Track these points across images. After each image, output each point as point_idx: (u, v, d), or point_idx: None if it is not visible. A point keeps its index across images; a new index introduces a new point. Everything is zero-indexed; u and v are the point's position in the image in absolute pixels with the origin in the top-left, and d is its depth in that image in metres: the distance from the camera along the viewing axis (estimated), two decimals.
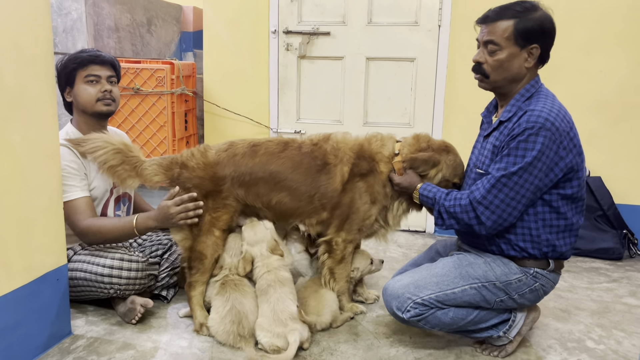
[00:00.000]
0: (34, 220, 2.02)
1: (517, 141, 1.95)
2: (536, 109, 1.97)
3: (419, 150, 2.35)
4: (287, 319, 2.12)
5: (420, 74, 3.74)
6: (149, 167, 2.37)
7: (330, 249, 2.41)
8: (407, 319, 2.06)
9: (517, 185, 1.94)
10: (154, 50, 4.69)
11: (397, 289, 2.10)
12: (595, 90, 3.47)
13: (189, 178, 2.33)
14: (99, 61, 2.56)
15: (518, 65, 2.04)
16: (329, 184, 2.33)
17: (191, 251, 2.34)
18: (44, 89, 2.02)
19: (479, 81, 2.13)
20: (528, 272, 2.07)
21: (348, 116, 3.92)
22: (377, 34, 3.77)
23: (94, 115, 2.57)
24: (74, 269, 2.36)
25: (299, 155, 2.35)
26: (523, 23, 1.99)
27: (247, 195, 2.33)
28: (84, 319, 2.42)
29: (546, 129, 1.91)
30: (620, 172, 3.47)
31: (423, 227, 3.92)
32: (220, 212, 2.32)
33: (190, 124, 4.23)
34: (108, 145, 2.38)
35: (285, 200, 2.34)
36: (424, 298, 2.04)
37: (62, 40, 3.81)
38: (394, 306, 2.09)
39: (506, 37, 2.01)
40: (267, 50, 3.97)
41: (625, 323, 2.51)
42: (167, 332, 2.31)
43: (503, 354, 2.17)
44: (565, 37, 3.45)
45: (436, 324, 2.09)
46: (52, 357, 2.10)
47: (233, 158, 2.34)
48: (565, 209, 2.03)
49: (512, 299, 2.08)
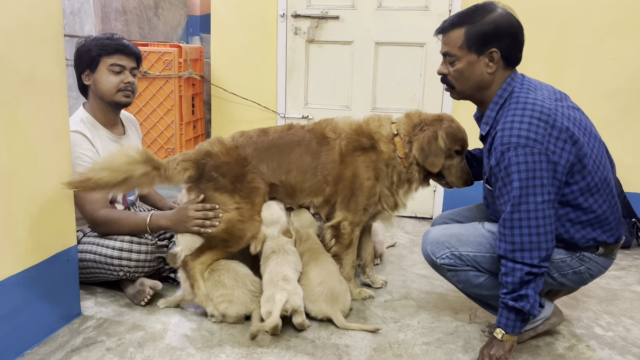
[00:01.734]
0: (44, 201, 2.02)
1: (500, 169, 1.86)
2: (504, 127, 1.86)
3: (413, 128, 2.37)
4: (279, 280, 2.15)
5: (430, 60, 3.70)
6: (177, 165, 2.27)
7: (337, 234, 2.43)
8: (439, 264, 2.06)
9: (532, 212, 1.82)
10: (161, 33, 4.66)
11: (439, 236, 2.09)
12: (607, 77, 3.43)
13: (215, 166, 2.31)
14: (127, 52, 2.54)
15: (479, 72, 1.97)
16: (328, 155, 2.39)
17: (226, 232, 2.28)
18: (54, 69, 2.01)
19: (450, 93, 2.11)
20: (574, 254, 1.99)
21: (356, 101, 3.89)
22: (386, 18, 3.73)
23: (111, 104, 2.56)
24: (83, 251, 2.37)
25: (302, 132, 2.46)
26: (474, 29, 1.92)
27: (268, 171, 2.37)
28: (93, 300, 2.43)
29: (521, 146, 1.81)
30: (629, 160, 3.44)
31: (430, 214, 3.91)
32: (254, 195, 2.33)
33: (197, 108, 4.22)
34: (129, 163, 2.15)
35: (294, 173, 2.39)
36: (462, 253, 2.03)
37: (69, 22, 3.78)
38: (429, 249, 2.09)
39: (459, 47, 1.95)
40: (275, 34, 3.93)
41: (633, 310, 2.51)
42: (176, 314, 2.32)
43: (542, 328, 2.15)
44: (578, 24, 3.42)
45: (464, 282, 2.07)
46: (62, 338, 2.11)
47: (250, 139, 2.41)
48: (588, 202, 1.91)
49: (552, 276, 2.01)
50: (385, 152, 2.39)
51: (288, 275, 2.19)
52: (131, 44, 2.58)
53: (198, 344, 2.10)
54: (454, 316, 2.39)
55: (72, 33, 3.76)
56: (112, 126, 2.64)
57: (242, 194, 2.31)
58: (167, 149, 3.96)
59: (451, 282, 2.16)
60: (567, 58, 3.47)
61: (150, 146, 3.96)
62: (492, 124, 1.99)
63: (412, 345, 2.14)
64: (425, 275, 2.84)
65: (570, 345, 2.18)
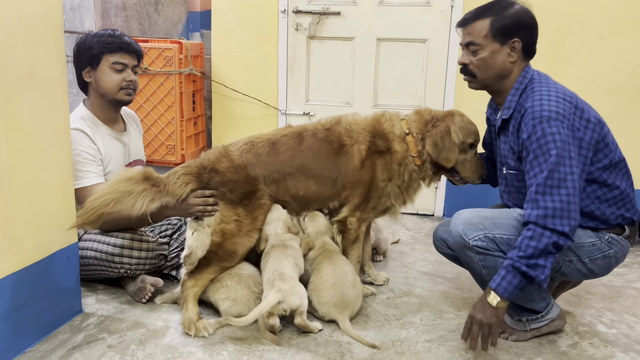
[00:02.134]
0: (45, 198, 2.01)
1: (532, 142, 1.92)
2: (534, 104, 1.96)
3: (425, 125, 2.36)
4: (275, 279, 2.09)
5: (432, 56, 3.69)
6: (178, 179, 2.22)
7: (344, 229, 2.42)
8: (471, 245, 2.02)
9: (562, 181, 1.87)
10: (161, 29, 4.64)
11: (472, 218, 2.06)
12: (608, 73, 3.41)
13: (222, 182, 2.25)
14: (129, 50, 2.52)
15: (502, 61, 2.07)
16: (349, 164, 2.34)
17: (220, 247, 2.23)
18: (54, 65, 2.00)
19: (469, 82, 2.17)
20: (603, 237, 2.05)
21: (357, 98, 3.88)
22: (388, 14, 3.71)
23: (112, 102, 2.55)
24: (84, 248, 2.36)
25: (316, 144, 2.35)
26: (499, 19, 2.04)
27: (279, 190, 2.32)
28: (95, 297, 2.43)
29: (552, 119, 1.90)
30: (633, 156, 3.41)
31: (432, 211, 3.90)
32: (258, 212, 2.29)
33: (198, 105, 4.20)
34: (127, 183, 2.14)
35: (312, 189, 2.34)
36: (496, 236, 2.00)
37: (69, 19, 3.76)
38: (461, 230, 2.05)
39: (484, 36, 2.05)
40: (276, 31, 3.92)
41: (636, 308, 2.50)
42: (177, 311, 2.31)
43: (513, 337, 2.16)
44: (579, 20, 3.40)
45: (489, 268, 2.02)
46: (63, 335, 2.11)
47: (259, 158, 2.31)
48: (611, 179, 2.02)
49: (582, 261, 2.04)
50: (399, 151, 2.37)
51: (285, 273, 2.13)
52: (133, 41, 2.56)
53: (200, 341, 2.09)
54: (457, 313, 2.39)
55: (72, 29, 3.74)
56: (112, 123, 2.62)
57: (248, 208, 2.27)
58: (168, 145, 3.95)
59: (472, 268, 2.11)
60: (568, 55, 3.45)
61: (151, 143, 3.95)
62: (515, 107, 2.06)
63: (415, 342, 2.13)
64: (427, 272, 2.83)
65: (573, 342, 2.17)
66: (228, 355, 2.00)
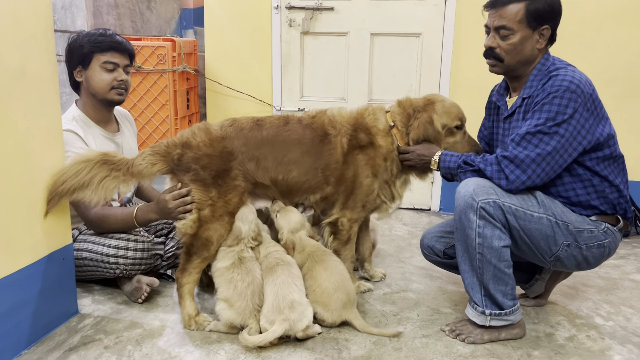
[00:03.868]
0: (38, 199, 2.00)
1: (541, 104, 1.98)
2: (560, 74, 2.00)
3: (407, 118, 2.35)
4: (285, 308, 2.00)
5: (426, 50, 3.68)
6: (143, 160, 2.17)
7: (336, 230, 2.39)
8: (477, 206, 1.96)
9: (542, 143, 1.95)
10: (154, 27, 4.62)
11: (485, 184, 2.01)
12: (603, 65, 3.41)
13: (195, 158, 2.17)
14: (121, 49, 2.50)
15: (531, 47, 2.07)
16: (331, 155, 2.30)
17: (195, 238, 2.19)
18: (45, 65, 1.98)
19: (492, 66, 2.15)
20: (599, 226, 2.07)
21: (352, 93, 3.87)
22: (382, 8, 3.70)
23: (103, 102, 2.53)
24: (79, 249, 2.35)
25: (300, 128, 2.32)
26: (534, 5, 2.02)
27: (257, 170, 2.24)
28: (91, 298, 2.42)
29: (571, 91, 1.94)
30: (627, 148, 3.40)
31: (428, 205, 3.90)
32: (231, 194, 2.20)
33: (192, 103, 4.18)
34: (85, 163, 2.11)
35: (293, 174, 2.28)
36: (506, 204, 1.97)
37: (60, 17, 3.74)
38: (472, 190, 1.99)
39: (518, 21, 2.03)
40: (269, 27, 3.90)
41: (633, 300, 2.50)
42: (174, 311, 2.31)
43: (470, 339, 2.09)
44: (574, 12, 3.38)
45: (483, 237, 1.98)
46: (59, 336, 2.10)
47: (241, 132, 2.26)
48: (608, 171, 2.06)
49: (580, 247, 2.04)
50: (384, 145, 2.34)
51: (295, 300, 2.03)
52: (125, 40, 2.54)
53: (197, 341, 2.08)
54: (454, 308, 2.39)
55: (64, 28, 3.72)
56: (105, 123, 2.60)
57: (221, 190, 2.19)
58: None
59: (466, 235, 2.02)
60: (563, 46, 3.41)
61: (146, 141, 3.93)
62: (536, 86, 2.07)
63: (412, 338, 2.13)
64: (424, 267, 2.83)
65: (570, 335, 2.18)
66: (225, 354, 2.00)
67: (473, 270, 2.06)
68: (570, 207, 2.08)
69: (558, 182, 2.07)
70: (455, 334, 2.13)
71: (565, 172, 2.05)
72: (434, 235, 2.41)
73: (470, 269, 2.07)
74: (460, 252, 2.08)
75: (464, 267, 2.09)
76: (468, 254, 2.06)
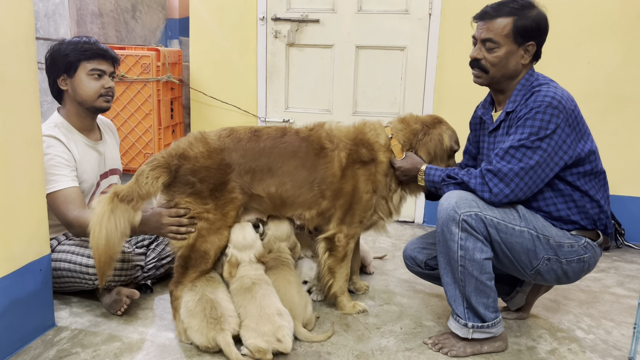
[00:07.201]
0: (15, 209, 1.95)
1: (524, 119, 2.00)
2: (542, 90, 2.03)
3: (413, 134, 2.36)
4: (274, 314, 2.00)
5: (411, 63, 3.71)
6: (146, 178, 2.09)
7: (332, 247, 2.35)
8: (459, 219, 1.96)
9: (526, 157, 1.97)
10: (139, 37, 4.59)
11: (467, 197, 2.01)
12: (583, 80, 3.46)
13: (193, 170, 2.13)
14: (107, 56, 2.49)
15: (515, 62, 2.10)
16: (327, 169, 2.27)
17: (192, 250, 2.16)
18: (25, 73, 1.95)
19: (476, 76, 2.17)
20: (579, 241, 2.08)
21: (337, 105, 3.88)
22: (367, 22, 3.73)
23: (90, 110, 2.50)
24: (57, 260, 2.30)
25: (297, 140, 2.28)
26: (522, 21, 2.05)
27: (253, 182, 2.20)
28: (68, 310, 2.36)
29: (553, 106, 1.96)
30: (608, 163, 3.45)
31: (412, 218, 3.91)
32: (229, 207, 2.17)
33: (176, 113, 4.16)
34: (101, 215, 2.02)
35: (287, 187, 2.24)
36: (488, 217, 1.97)
37: (43, 25, 3.70)
38: (454, 202, 1.99)
39: (505, 35, 2.06)
40: (255, 38, 3.90)
41: (613, 313, 2.52)
42: (153, 324, 2.27)
43: (453, 353, 2.09)
44: (554, 27, 3.41)
45: (465, 249, 1.98)
46: (35, 350, 2.05)
47: (239, 143, 2.21)
48: (588, 186, 2.08)
49: (560, 261, 2.05)
50: (385, 162, 2.33)
51: (281, 309, 2.03)
52: (108, 48, 2.53)
53: (177, 354, 2.05)
54: (437, 321, 2.38)
55: (47, 36, 3.68)
56: (88, 132, 2.57)
57: (218, 202, 2.16)
58: (146, 154, 3.89)
59: (448, 247, 2.02)
60: (543, 62, 3.45)
61: (128, 151, 3.89)
62: (519, 101, 2.09)
63: (395, 351, 2.12)
64: (407, 280, 2.82)
65: (552, 348, 2.18)
66: None
67: (455, 283, 2.06)
68: (551, 221, 2.09)
69: (539, 197, 2.08)
70: (438, 347, 2.13)
71: (546, 187, 2.07)
72: (416, 247, 2.41)
73: (452, 281, 2.07)
74: (443, 264, 2.08)
75: (447, 279, 2.09)
76: (450, 266, 2.06)
